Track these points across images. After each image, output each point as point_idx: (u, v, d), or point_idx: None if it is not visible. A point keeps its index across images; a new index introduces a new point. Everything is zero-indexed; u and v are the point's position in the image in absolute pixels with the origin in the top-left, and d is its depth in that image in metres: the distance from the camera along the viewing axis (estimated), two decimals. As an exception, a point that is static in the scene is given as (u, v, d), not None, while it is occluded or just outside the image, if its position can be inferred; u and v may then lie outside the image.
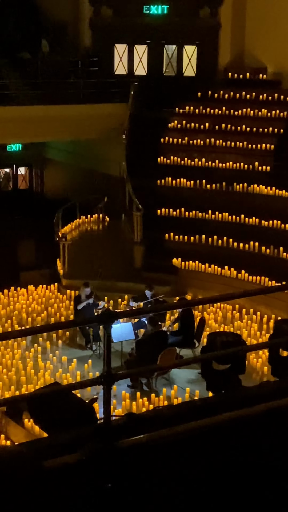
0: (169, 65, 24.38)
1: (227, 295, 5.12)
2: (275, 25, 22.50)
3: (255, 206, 19.21)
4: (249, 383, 4.87)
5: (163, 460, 3.31)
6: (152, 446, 3.30)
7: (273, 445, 3.63)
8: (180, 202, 19.81)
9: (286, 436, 3.74)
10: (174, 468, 3.27)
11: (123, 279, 17.95)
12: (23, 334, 4.24)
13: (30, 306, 17.37)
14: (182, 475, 3.25)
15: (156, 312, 13.55)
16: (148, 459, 3.27)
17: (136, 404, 12.71)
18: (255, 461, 3.50)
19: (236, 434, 3.60)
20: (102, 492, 2.92)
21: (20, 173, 28.07)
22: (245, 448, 3.56)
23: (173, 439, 3.36)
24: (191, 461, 3.35)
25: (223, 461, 3.40)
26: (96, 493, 2.92)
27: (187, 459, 3.36)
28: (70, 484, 2.87)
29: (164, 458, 3.33)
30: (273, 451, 3.60)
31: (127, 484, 3.03)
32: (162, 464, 3.28)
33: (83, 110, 21.91)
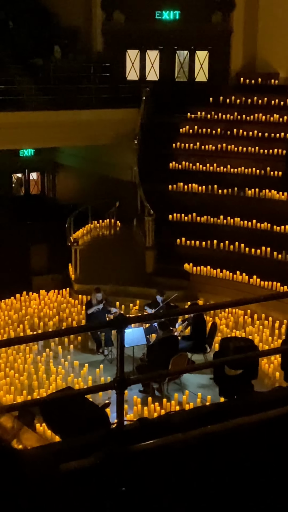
0: (180, 71, 24.43)
1: (239, 300, 5.13)
2: (287, 30, 22.50)
3: (267, 211, 19.18)
4: (261, 389, 4.87)
5: (175, 465, 3.33)
6: (165, 451, 3.31)
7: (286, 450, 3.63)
8: (192, 207, 19.81)
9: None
10: (187, 472, 3.28)
11: (134, 284, 17.97)
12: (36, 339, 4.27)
13: (42, 310, 17.41)
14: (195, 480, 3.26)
15: (168, 318, 13.56)
16: (161, 464, 3.28)
17: (147, 409, 12.71)
18: (268, 466, 3.50)
19: (249, 440, 3.61)
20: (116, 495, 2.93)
21: (32, 178, 28.18)
22: (257, 453, 3.56)
23: (186, 444, 3.37)
24: (203, 466, 3.36)
25: (235, 466, 3.40)
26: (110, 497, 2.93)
27: (200, 464, 3.37)
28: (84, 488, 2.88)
29: (176, 463, 3.34)
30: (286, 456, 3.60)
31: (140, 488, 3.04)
32: (175, 469, 3.29)
33: (95, 116, 21.99)
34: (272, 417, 3.65)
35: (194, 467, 3.31)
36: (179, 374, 13.38)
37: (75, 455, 3.15)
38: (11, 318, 16.96)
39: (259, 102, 22.16)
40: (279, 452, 3.60)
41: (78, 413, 3.93)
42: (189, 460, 3.36)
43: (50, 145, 24.38)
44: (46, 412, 4.25)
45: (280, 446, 3.64)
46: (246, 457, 3.46)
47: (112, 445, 3.20)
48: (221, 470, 3.34)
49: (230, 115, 21.96)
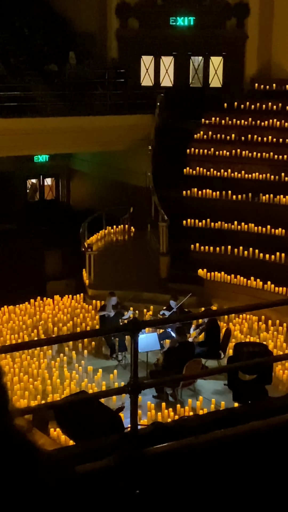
0: (195, 76, 24.46)
1: (253, 305, 5.13)
2: (302, 36, 22.49)
3: (281, 216, 19.14)
4: (275, 395, 4.87)
5: (189, 468, 3.33)
6: (179, 454, 3.32)
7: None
8: (206, 212, 19.80)
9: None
10: (200, 475, 3.29)
11: (148, 289, 17.97)
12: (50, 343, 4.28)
13: (56, 316, 17.45)
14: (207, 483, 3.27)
15: (182, 322, 13.56)
16: (174, 467, 3.29)
17: (161, 415, 12.70)
18: (281, 470, 3.50)
19: (262, 444, 3.61)
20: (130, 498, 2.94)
21: (47, 184, 28.29)
22: (271, 457, 3.56)
23: (199, 448, 3.38)
24: (216, 469, 3.36)
25: (248, 470, 3.40)
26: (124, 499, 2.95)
27: (212, 467, 3.38)
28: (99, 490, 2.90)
29: (190, 466, 3.34)
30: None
31: (154, 490, 3.05)
32: (188, 472, 3.30)
33: (109, 122, 22.06)
34: (285, 422, 3.65)
35: (207, 470, 3.32)
36: (193, 379, 13.36)
37: (90, 458, 3.17)
38: (25, 323, 17.01)
39: (274, 108, 22.14)
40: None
41: (92, 417, 3.95)
42: (202, 463, 3.37)
43: (65, 151, 24.47)
44: (60, 416, 4.27)
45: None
46: (258, 461, 3.46)
47: (127, 448, 3.22)
48: (234, 474, 3.35)
49: (245, 120, 21.95)
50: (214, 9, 23.63)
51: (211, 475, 3.41)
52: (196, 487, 3.20)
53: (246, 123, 21.89)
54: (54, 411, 4.42)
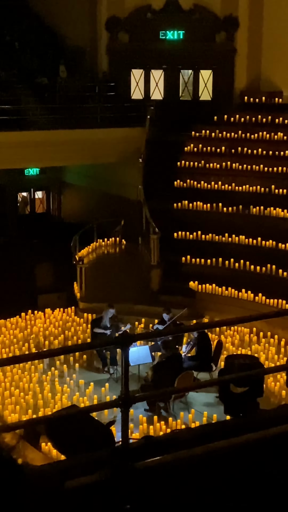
0: (185, 90, 24.57)
1: (244, 317, 5.13)
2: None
3: (272, 229, 19.20)
4: (267, 407, 4.86)
5: (180, 482, 3.32)
6: (170, 468, 3.31)
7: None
8: (197, 225, 19.84)
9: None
10: (192, 489, 3.27)
11: (140, 302, 17.95)
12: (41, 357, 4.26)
13: (47, 329, 17.40)
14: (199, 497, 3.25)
15: (172, 335, 13.54)
16: (166, 481, 3.27)
17: (153, 428, 12.66)
18: (273, 483, 3.49)
19: (254, 457, 3.60)
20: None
21: (38, 197, 28.27)
22: (263, 470, 3.55)
23: (191, 461, 3.37)
24: (208, 483, 3.35)
25: (240, 483, 3.39)
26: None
27: (204, 480, 3.36)
28: (90, 505, 2.88)
29: (181, 480, 3.33)
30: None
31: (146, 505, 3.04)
32: (180, 486, 3.28)
33: (100, 134, 22.10)
34: (277, 434, 3.64)
35: (199, 484, 3.30)
36: (184, 393, 13.33)
37: (81, 473, 3.15)
38: (16, 337, 16.95)
39: (264, 121, 22.25)
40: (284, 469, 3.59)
41: (83, 431, 3.93)
42: (193, 477, 3.35)
43: (55, 164, 24.49)
44: (51, 430, 4.25)
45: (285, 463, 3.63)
46: (251, 474, 3.45)
47: (117, 462, 3.20)
48: (226, 487, 3.33)
49: (235, 133, 22.05)
50: (203, 22, 23.78)
51: (203, 488, 3.39)
52: (187, 501, 3.18)
53: (236, 136, 21.99)
54: (45, 425, 4.39)
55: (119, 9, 24.01)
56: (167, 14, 23.86)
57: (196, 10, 23.78)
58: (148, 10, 23.96)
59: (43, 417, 9.04)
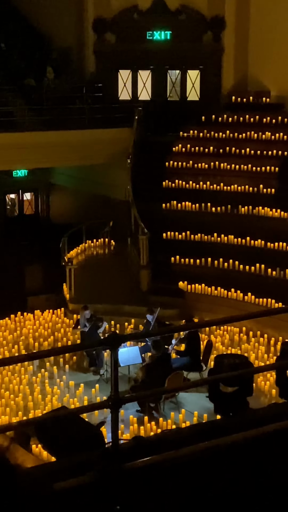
0: (172, 90, 24.59)
1: (234, 316, 5.13)
2: (278, 48, 22.71)
3: (260, 228, 19.24)
4: (257, 406, 4.86)
5: (171, 482, 3.32)
6: (160, 468, 3.31)
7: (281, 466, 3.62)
8: (186, 225, 19.86)
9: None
10: (182, 489, 3.27)
11: (129, 302, 17.96)
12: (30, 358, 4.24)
13: (37, 331, 17.37)
14: (190, 496, 3.25)
15: (161, 335, 13.54)
16: (156, 481, 3.27)
17: (144, 429, 12.65)
18: (263, 481, 3.50)
19: (244, 456, 3.60)
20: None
21: (26, 199, 28.19)
22: (252, 469, 3.56)
23: (181, 461, 3.37)
24: (198, 483, 3.35)
25: (230, 482, 3.39)
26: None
27: (195, 480, 3.36)
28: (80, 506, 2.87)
29: (172, 480, 3.33)
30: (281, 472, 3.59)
31: (136, 506, 3.03)
32: (170, 486, 3.28)
33: (88, 136, 22.08)
34: (266, 433, 3.64)
35: (188, 484, 3.31)
36: (174, 393, 13.34)
37: (70, 474, 3.14)
38: (6, 339, 16.91)
39: (251, 120, 22.29)
40: (274, 468, 3.60)
41: (72, 433, 3.92)
42: (183, 477, 3.35)
43: (43, 166, 24.44)
44: (41, 432, 4.23)
45: (275, 461, 3.64)
46: (241, 473, 3.46)
47: (107, 463, 3.20)
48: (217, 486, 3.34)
49: (223, 133, 22.08)
50: (190, 23, 23.81)
51: (193, 488, 3.39)
52: (177, 501, 3.18)
53: (224, 136, 22.02)
54: (35, 427, 4.38)
55: (106, 10, 24.00)
56: (153, 14, 23.86)
57: (182, 10, 23.81)
58: (135, 11, 23.96)
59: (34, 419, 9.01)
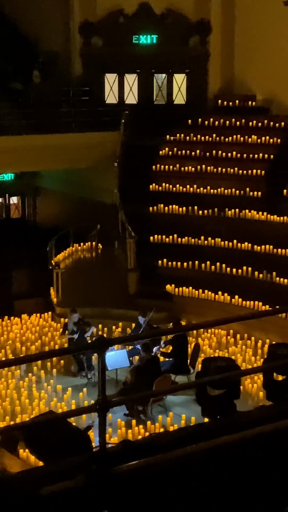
0: (159, 94, 24.62)
1: (221, 319, 5.15)
2: (264, 52, 22.80)
3: (247, 231, 19.30)
4: (244, 409, 4.87)
5: (158, 485, 3.32)
6: (148, 472, 3.31)
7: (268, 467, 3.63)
8: (173, 228, 19.88)
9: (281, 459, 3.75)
10: (170, 492, 3.28)
11: (117, 306, 17.95)
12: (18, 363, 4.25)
13: (24, 335, 17.32)
14: (178, 500, 3.26)
15: (150, 338, 13.54)
16: (144, 485, 3.27)
17: (132, 432, 12.65)
18: (251, 483, 3.51)
19: (231, 458, 3.61)
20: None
21: (13, 202, 28.13)
22: (240, 471, 3.56)
23: (169, 464, 3.37)
24: (186, 486, 3.35)
25: (218, 485, 3.40)
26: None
27: (183, 483, 3.36)
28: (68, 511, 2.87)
29: (160, 483, 3.33)
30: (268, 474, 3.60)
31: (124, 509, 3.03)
32: (158, 489, 3.28)
33: (75, 139, 22.06)
34: (254, 435, 3.66)
35: (177, 487, 3.31)
36: (162, 396, 13.34)
37: (58, 479, 3.14)
38: (-7, 343, 16.85)
39: (237, 124, 22.36)
40: (262, 469, 3.61)
41: (60, 437, 3.91)
42: (171, 480, 3.36)
43: (30, 169, 24.40)
44: (29, 437, 4.22)
45: (262, 463, 3.65)
46: (229, 475, 3.46)
47: (95, 467, 3.20)
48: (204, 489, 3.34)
49: (209, 136, 22.13)
50: (176, 27, 23.86)
51: (181, 492, 3.40)
52: (165, 505, 3.18)
53: (210, 139, 22.07)
54: (22, 431, 4.36)
55: (92, 13, 24.01)
56: (139, 18, 23.89)
57: (168, 14, 23.86)
58: (121, 15, 23.99)
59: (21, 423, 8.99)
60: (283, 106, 22.39)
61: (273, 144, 21.42)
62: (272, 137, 21.50)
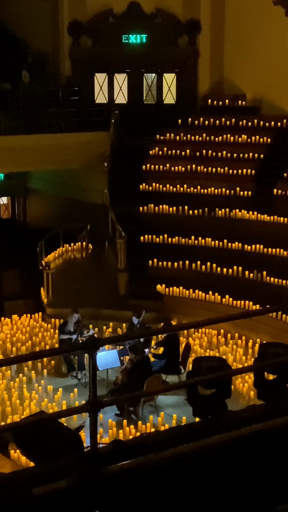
0: (149, 93, 24.63)
1: (211, 319, 5.13)
2: (253, 52, 22.85)
3: (238, 231, 19.32)
4: (235, 408, 4.87)
5: (150, 485, 3.31)
6: (139, 472, 3.30)
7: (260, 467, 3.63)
8: (163, 228, 19.88)
9: (272, 458, 3.75)
10: (161, 493, 3.27)
11: (107, 306, 17.92)
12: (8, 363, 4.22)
13: (15, 335, 17.27)
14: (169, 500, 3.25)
15: (140, 338, 13.53)
16: (135, 485, 3.26)
17: (123, 432, 12.64)
18: (242, 483, 3.50)
19: (223, 458, 3.61)
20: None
21: (3, 203, 28.08)
22: (232, 471, 3.56)
23: (160, 464, 3.36)
24: (178, 486, 3.35)
25: (210, 485, 3.39)
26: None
27: (174, 483, 3.36)
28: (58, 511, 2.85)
29: (151, 483, 3.32)
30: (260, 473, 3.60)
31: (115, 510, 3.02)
32: (149, 489, 3.27)
33: (64, 139, 22.03)
34: (245, 435, 3.65)
35: (168, 487, 3.30)
36: (153, 396, 13.33)
37: (49, 479, 3.12)
38: (-17, 344, 16.80)
39: (227, 123, 22.39)
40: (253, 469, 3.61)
41: (51, 437, 3.90)
42: (162, 480, 3.35)
43: (20, 170, 24.35)
44: (19, 437, 4.20)
45: (253, 463, 3.64)
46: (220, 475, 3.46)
47: (86, 467, 3.18)
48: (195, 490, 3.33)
49: (199, 136, 22.15)
50: (165, 26, 23.88)
51: (172, 491, 3.39)
52: (156, 505, 3.18)
53: (200, 139, 22.09)
54: (13, 432, 4.34)
55: (81, 13, 23.98)
56: (129, 18, 23.90)
57: (158, 14, 23.88)
58: (110, 15, 23.98)
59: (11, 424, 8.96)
60: (273, 105, 22.44)
61: (263, 143, 21.47)
62: (262, 136, 21.55)
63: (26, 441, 4.07)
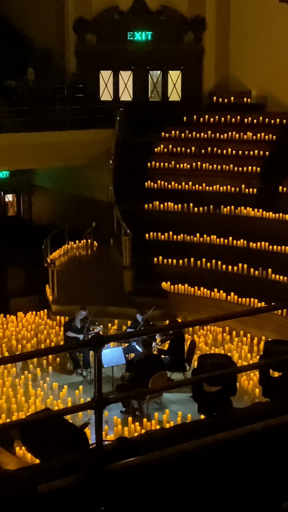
0: (154, 91, 24.60)
1: (216, 316, 5.14)
2: (258, 49, 22.81)
3: (243, 228, 19.30)
4: (240, 406, 4.87)
5: (155, 482, 3.31)
6: (144, 469, 3.30)
7: (264, 464, 3.63)
8: (168, 225, 19.87)
9: (277, 455, 3.75)
10: (166, 489, 3.27)
11: (112, 303, 17.93)
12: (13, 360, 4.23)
13: (20, 333, 17.30)
14: (174, 497, 3.25)
15: (146, 335, 13.54)
16: (140, 482, 3.27)
17: (128, 429, 12.65)
18: (247, 480, 3.51)
19: (228, 455, 3.61)
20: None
21: (8, 200, 28.10)
22: (236, 468, 3.56)
23: (165, 461, 3.37)
24: (183, 483, 3.35)
25: (214, 481, 3.40)
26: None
27: (179, 480, 3.36)
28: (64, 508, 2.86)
29: (156, 480, 3.33)
30: (265, 470, 3.60)
31: (120, 507, 3.03)
32: (154, 486, 3.28)
33: (69, 137, 22.03)
34: (250, 432, 3.65)
35: (173, 484, 3.31)
36: (158, 393, 13.34)
37: (54, 476, 3.13)
38: (-12, 341, 16.83)
39: (232, 121, 22.36)
40: (258, 466, 3.61)
41: (56, 434, 3.91)
42: (167, 477, 3.35)
43: (25, 167, 24.36)
44: (25, 434, 4.21)
45: (258, 460, 3.65)
46: (225, 472, 3.46)
47: (91, 464, 3.19)
48: (201, 486, 3.34)
49: (204, 133, 22.13)
50: (171, 23, 23.84)
51: (177, 488, 3.40)
52: (161, 502, 3.18)
53: (205, 136, 22.07)
54: (18, 429, 4.36)
55: (86, 10, 23.97)
56: (134, 15, 23.88)
57: (163, 11, 23.85)
58: (115, 11, 23.96)
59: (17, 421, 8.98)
60: (278, 102, 22.41)
61: (268, 141, 21.43)
62: (267, 134, 21.51)
63: (32, 438, 4.09)
